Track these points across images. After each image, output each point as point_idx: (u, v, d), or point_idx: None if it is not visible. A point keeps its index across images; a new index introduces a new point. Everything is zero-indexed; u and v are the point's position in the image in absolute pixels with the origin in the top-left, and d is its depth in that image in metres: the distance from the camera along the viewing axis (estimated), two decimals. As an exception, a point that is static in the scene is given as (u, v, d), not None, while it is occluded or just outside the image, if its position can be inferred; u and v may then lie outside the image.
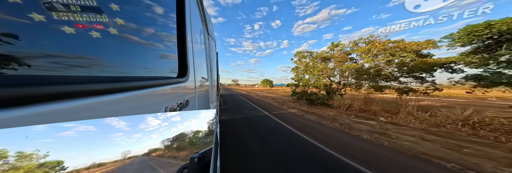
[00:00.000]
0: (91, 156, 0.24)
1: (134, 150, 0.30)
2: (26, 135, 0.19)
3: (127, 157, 0.29)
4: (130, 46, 0.52)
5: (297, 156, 3.44)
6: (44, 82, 0.25)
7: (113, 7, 0.42)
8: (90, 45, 0.36)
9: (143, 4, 0.61)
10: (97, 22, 0.37)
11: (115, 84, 0.41)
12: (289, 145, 4.03)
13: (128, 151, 0.29)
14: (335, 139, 4.65)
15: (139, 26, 0.56)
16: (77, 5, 0.33)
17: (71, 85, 0.29)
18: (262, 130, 5.31)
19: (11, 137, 0.18)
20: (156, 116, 0.39)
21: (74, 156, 0.22)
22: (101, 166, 0.25)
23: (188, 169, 0.40)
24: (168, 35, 0.83)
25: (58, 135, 0.22)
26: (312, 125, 6.10)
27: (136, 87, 0.49)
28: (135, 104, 0.49)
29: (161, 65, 0.76)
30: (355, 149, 3.90)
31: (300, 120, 7.01)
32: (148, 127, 0.35)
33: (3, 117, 0.20)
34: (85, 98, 0.31)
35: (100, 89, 0.35)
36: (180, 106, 0.81)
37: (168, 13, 0.85)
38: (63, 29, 0.30)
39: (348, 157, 3.47)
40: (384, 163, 3.31)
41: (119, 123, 0.30)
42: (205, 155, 0.44)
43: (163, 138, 0.37)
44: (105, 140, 0.27)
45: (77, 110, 0.30)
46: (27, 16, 0.25)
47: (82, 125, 0.25)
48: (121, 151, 0.28)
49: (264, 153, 3.54)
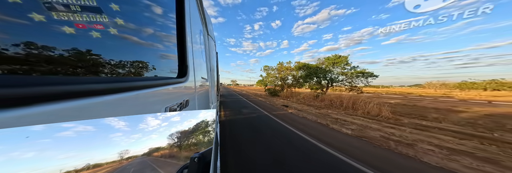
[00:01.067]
0: (91, 156, 0.24)
1: (134, 150, 0.30)
2: (26, 135, 0.19)
3: (127, 157, 0.29)
4: (130, 46, 0.52)
5: (250, 111, 8.92)
6: (44, 82, 0.25)
7: (113, 7, 0.42)
8: (90, 45, 0.36)
9: (143, 5, 0.61)
10: (97, 22, 0.37)
11: (115, 84, 0.41)
12: (246, 108, 10.05)
13: (128, 151, 0.29)
14: (264, 106, 11.25)
15: (139, 26, 0.56)
16: (77, 5, 0.33)
17: (71, 85, 0.29)
18: (240, 104, 12.49)
19: (12, 137, 0.18)
20: (156, 116, 0.39)
21: (75, 156, 0.22)
22: (101, 166, 0.25)
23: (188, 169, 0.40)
24: (168, 35, 0.83)
25: (58, 135, 0.22)
26: (263, 103, 12.98)
27: (136, 87, 0.49)
28: (135, 104, 0.49)
29: (161, 65, 0.76)
30: (265, 106, 11.19)
31: (258, 101, 15.08)
32: (148, 127, 0.35)
33: (4, 117, 0.20)
34: (85, 98, 0.31)
35: (100, 89, 0.35)
36: (180, 106, 0.81)
37: (168, 13, 0.85)
38: (63, 29, 0.30)
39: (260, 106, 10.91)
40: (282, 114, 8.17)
41: (119, 123, 0.30)
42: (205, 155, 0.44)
43: (163, 138, 0.37)
44: (106, 140, 0.27)
45: (77, 110, 0.30)
46: (27, 16, 0.25)
47: (83, 125, 0.25)
48: (122, 151, 0.28)
49: (237, 105, 11.69)
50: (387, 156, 3.47)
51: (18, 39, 0.24)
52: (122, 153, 0.28)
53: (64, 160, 0.21)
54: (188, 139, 0.43)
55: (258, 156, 3.23)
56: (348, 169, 2.87)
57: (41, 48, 0.27)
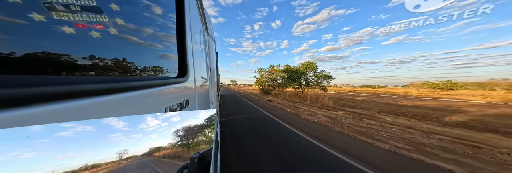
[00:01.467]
0: (91, 156, 0.24)
1: (134, 150, 0.30)
2: (27, 135, 0.19)
3: (128, 157, 0.29)
4: (130, 46, 0.52)
5: (241, 103, 12.76)
6: (45, 82, 0.25)
7: (113, 7, 0.42)
8: (90, 45, 0.36)
9: (143, 5, 0.61)
10: (97, 22, 0.37)
11: (115, 84, 0.41)
12: (239, 102, 13.93)
13: (129, 151, 0.29)
14: (253, 100, 15.96)
15: (139, 26, 0.56)
16: (77, 5, 0.33)
17: (71, 85, 0.29)
18: (234, 98, 18.26)
19: (12, 137, 0.18)
20: (156, 116, 0.39)
21: (75, 156, 0.22)
22: (101, 166, 0.25)
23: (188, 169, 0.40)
24: (168, 35, 0.83)
25: (59, 135, 0.22)
26: (254, 99, 17.24)
27: (136, 87, 0.49)
28: (135, 104, 0.49)
29: (161, 65, 0.76)
30: (254, 100, 16.62)
31: (252, 98, 18.49)
32: (148, 127, 0.35)
33: (4, 117, 0.20)
34: (85, 98, 0.31)
35: (100, 89, 0.35)
36: (180, 106, 0.81)
37: (168, 13, 0.85)
38: (63, 29, 0.30)
39: (250, 100, 15.89)
40: (268, 106, 11.53)
41: (119, 123, 0.30)
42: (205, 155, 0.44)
43: (163, 138, 0.37)
44: (106, 140, 0.27)
45: (77, 110, 0.30)
46: (27, 16, 0.25)
47: (83, 125, 0.25)
48: (122, 151, 0.28)
49: (231, 99, 17.13)
50: (295, 118, 7.46)
51: (18, 39, 0.24)
52: (122, 153, 0.28)
53: (64, 160, 0.21)
54: (188, 139, 0.43)
55: (237, 117, 7.45)
56: (274, 123, 6.36)
57: (41, 48, 0.27)
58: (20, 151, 0.18)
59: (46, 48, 0.27)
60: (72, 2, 0.32)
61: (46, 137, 0.21)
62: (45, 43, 0.27)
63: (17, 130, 0.19)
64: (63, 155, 0.21)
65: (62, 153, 0.21)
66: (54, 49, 0.29)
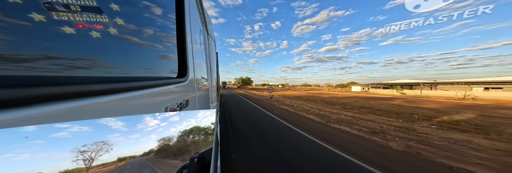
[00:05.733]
0: (91, 156, 0.24)
1: (134, 150, 0.30)
2: (25, 135, 0.19)
3: (127, 157, 0.29)
4: (130, 47, 0.52)
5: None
6: (45, 83, 0.25)
7: (113, 7, 0.42)
8: (90, 45, 0.36)
9: (143, 5, 0.61)
10: (97, 22, 0.37)
11: (115, 84, 0.41)
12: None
13: (128, 151, 0.29)
14: (233, 90, 57.04)
15: (139, 26, 0.56)
16: (77, 5, 0.33)
17: (71, 86, 0.29)
18: (228, 92, 42.15)
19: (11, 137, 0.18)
20: (156, 116, 0.39)
21: (74, 156, 0.22)
22: (101, 166, 0.25)
23: (188, 169, 0.40)
24: (168, 36, 0.83)
25: (58, 135, 0.22)
26: (234, 89, 69.96)
27: (136, 87, 0.49)
28: (135, 104, 0.49)
29: (161, 65, 0.76)
30: (232, 89, 60.61)
31: (233, 89, 67.35)
32: (148, 127, 0.35)
33: (3, 117, 0.20)
34: (85, 99, 0.31)
35: (100, 89, 0.35)
36: (180, 106, 0.81)
37: (168, 13, 0.85)
38: (63, 29, 0.30)
39: (231, 90, 53.10)
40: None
41: (119, 124, 0.30)
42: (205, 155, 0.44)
43: (163, 138, 0.37)
44: (106, 140, 0.27)
45: (77, 111, 0.30)
46: (27, 16, 0.25)
47: (82, 125, 0.25)
48: (121, 151, 0.28)
49: (225, 90, 48.61)
50: (244, 93, 34.86)
51: (18, 39, 0.24)
52: (122, 153, 0.28)
53: (63, 160, 0.21)
54: (188, 139, 0.43)
55: (225, 92, 35.12)
56: (238, 95, 28.30)
57: (41, 48, 0.27)
58: (19, 151, 0.18)
59: (46, 48, 0.27)
60: (72, 2, 0.32)
61: (46, 137, 0.21)
62: (45, 43, 0.27)
63: (16, 130, 0.19)
64: (62, 155, 0.21)
65: (62, 153, 0.21)
66: (54, 49, 0.29)
